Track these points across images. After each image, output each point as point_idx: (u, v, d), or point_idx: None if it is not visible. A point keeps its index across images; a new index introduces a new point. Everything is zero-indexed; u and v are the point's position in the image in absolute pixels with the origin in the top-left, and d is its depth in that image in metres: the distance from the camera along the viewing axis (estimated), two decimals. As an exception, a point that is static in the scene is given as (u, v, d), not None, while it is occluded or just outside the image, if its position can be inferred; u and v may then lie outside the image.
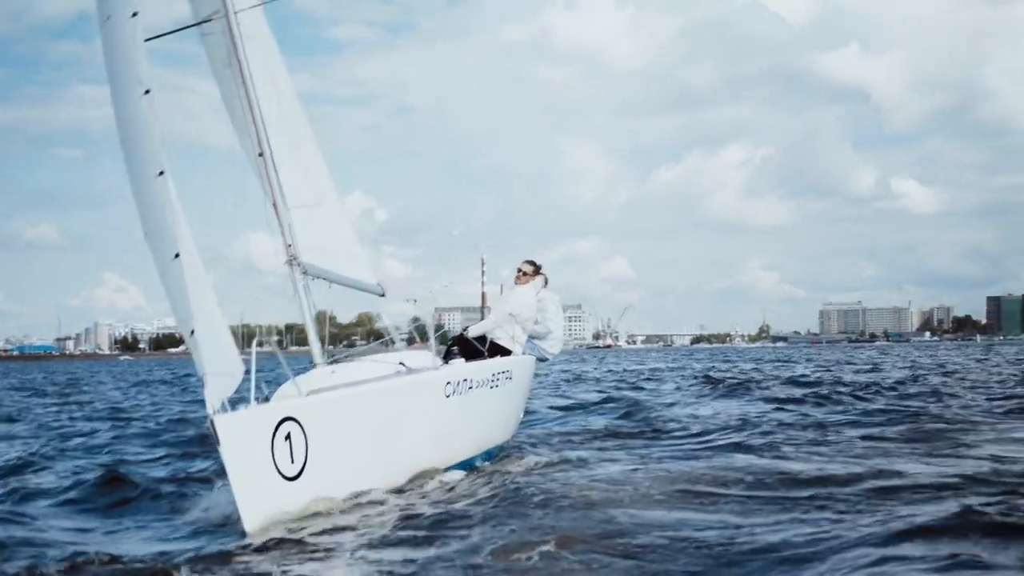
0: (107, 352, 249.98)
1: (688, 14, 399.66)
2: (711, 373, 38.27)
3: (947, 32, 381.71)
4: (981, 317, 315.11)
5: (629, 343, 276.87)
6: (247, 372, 9.15)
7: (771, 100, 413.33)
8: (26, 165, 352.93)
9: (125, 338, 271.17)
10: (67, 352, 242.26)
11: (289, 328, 12.09)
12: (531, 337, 13.62)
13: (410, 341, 12.83)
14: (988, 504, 8.12)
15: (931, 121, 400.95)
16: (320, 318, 12.40)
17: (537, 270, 13.55)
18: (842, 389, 24.94)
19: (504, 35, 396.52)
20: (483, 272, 14.96)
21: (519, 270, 13.52)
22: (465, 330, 13.25)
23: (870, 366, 44.15)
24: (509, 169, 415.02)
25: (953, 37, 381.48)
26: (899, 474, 10.21)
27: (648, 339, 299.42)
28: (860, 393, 23.23)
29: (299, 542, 8.21)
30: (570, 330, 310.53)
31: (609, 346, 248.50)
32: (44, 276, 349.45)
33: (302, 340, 11.88)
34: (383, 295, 13.24)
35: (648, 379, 35.40)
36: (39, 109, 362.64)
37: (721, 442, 14.03)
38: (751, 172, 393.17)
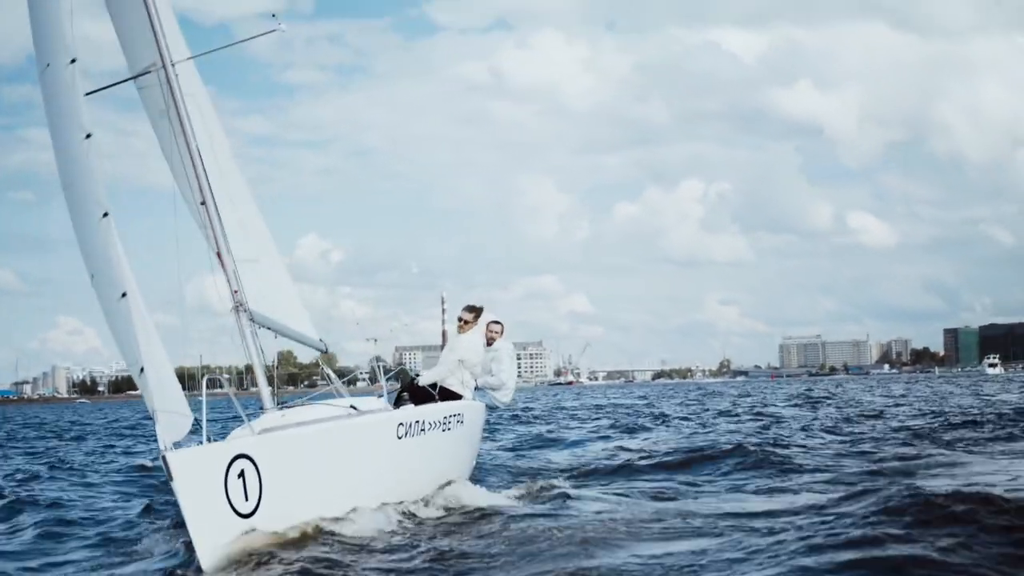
0: (65, 395, 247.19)
1: (642, 52, 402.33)
2: (667, 411, 38.40)
3: (899, 67, 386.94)
4: (939, 349, 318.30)
5: (591, 379, 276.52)
6: (197, 415, 9.25)
7: (726, 136, 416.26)
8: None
9: (83, 381, 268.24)
10: (25, 396, 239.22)
11: (248, 369, 12.13)
12: (483, 387, 13.74)
13: (372, 380, 12.85)
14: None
15: (885, 156, 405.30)
16: (282, 358, 12.45)
17: (478, 315, 13.49)
18: (803, 423, 25.21)
19: (458, 74, 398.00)
20: (443, 310, 14.88)
21: (460, 319, 13.47)
22: (416, 376, 13.23)
23: (827, 394, 44.44)
24: (468, 207, 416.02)
25: (905, 72, 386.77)
26: (854, 501, 10.36)
27: (610, 375, 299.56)
28: (816, 427, 23.48)
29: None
30: (531, 367, 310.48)
31: (571, 383, 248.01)
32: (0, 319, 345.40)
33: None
34: (325, 351, 13.37)
35: (613, 419, 35.33)
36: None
37: (680, 478, 14.23)
38: (708, 208, 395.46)
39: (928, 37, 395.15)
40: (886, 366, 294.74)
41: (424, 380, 13.00)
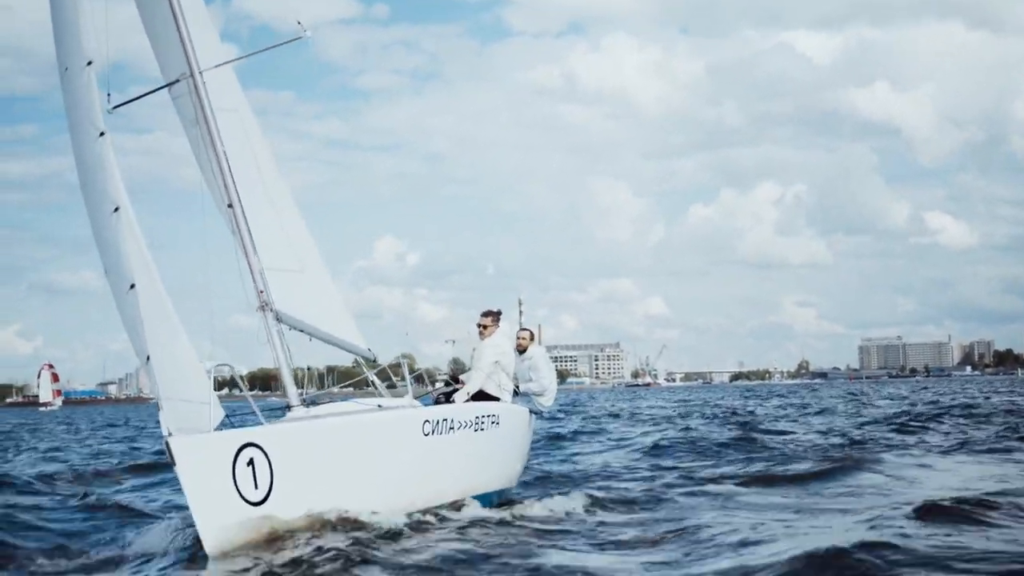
0: (150, 396, 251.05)
1: (714, 55, 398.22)
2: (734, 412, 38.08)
3: (977, 66, 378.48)
4: (1023, 351, 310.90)
5: (668, 381, 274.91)
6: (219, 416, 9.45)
7: (801, 138, 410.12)
8: (66, 213, 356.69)
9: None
10: (111, 396, 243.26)
11: (331, 369, 12.32)
12: (526, 393, 13.64)
13: (447, 383, 12.79)
14: None
15: (962, 155, 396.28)
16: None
17: (495, 318, 13.19)
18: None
19: (529, 79, 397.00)
20: (520, 312, 14.39)
21: (480, 325, 13.16)
22: (451, 392, 12.79)
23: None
24: (540, 211, 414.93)
25: (983, 71, 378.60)
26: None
27: (687, 377, 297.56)
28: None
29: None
30: (608, 369, 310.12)
31: (648, 384, 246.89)
32: (85, 322, 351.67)
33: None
34: (375, 360, 12.96)
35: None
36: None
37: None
38: (783, 210, 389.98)
39: (1005, 36, 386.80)
40: (968, 368, 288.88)
41: (462, 396, 12.52)
